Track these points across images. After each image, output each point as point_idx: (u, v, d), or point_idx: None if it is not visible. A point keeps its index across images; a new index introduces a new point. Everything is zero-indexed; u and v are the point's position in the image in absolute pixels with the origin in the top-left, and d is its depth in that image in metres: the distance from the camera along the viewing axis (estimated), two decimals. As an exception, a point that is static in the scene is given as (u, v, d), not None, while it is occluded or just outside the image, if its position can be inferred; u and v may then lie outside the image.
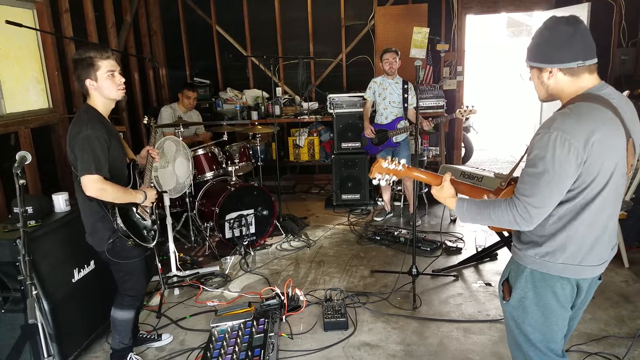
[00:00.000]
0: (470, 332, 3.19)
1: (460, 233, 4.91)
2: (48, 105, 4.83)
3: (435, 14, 6.61)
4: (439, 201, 1.96)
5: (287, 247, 4.84)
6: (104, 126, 2.57)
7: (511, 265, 1.90)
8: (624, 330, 3.11)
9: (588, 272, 1.75)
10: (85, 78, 2.53)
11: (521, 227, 1.68)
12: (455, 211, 1.86)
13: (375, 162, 2.01)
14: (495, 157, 8.66)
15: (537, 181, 1.62)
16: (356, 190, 5.91)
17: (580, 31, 1.64)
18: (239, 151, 5.08)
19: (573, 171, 1.60)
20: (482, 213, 1.76)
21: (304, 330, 3.28)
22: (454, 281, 3.91)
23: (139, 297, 2.93)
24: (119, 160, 2.66)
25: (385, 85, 5.19)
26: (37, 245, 2.72)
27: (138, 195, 2.69)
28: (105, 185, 2.48)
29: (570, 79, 1.69)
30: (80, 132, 2.47)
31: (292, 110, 6.84)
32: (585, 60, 1.65)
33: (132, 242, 2.63)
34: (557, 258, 1.73)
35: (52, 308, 2.77)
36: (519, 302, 1.84)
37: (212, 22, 7.06)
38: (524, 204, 1.64)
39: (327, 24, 6.94)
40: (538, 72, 1.76)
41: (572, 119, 1.61)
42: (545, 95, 1.80)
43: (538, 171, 1.62)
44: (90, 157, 2.44)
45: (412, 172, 2.00)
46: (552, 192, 1.62)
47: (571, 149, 1.57)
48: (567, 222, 1.70)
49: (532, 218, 1.65)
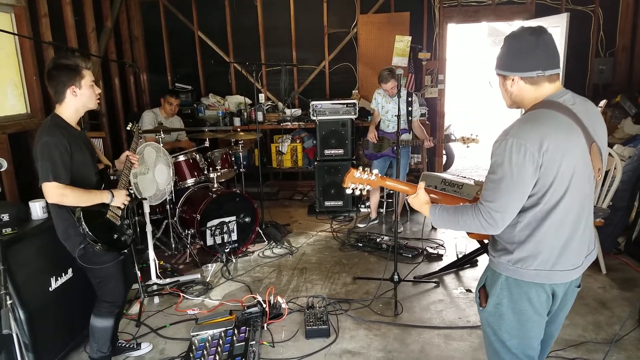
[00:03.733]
0: (451, 338, 3.21)
1: (441, 240, 4.94)
2: (26, 110, 4.75)
3: (417, 22, 6.68)
4: (415, 208, 2.00)
5: (270, 254, 4.81)
6: (67, 132, 2.55)
7: (487, 272, 1.93)
8: (601, 336, 3.16)
9: (560, 277, 1.78)
10: (69, 85, 2.54)
11: (488, 231, 1.74)
12: (429, 216, 1.91)
13: (348, 171, 2.03)
14: (476, 165, 8.76)
15: (498, 187, 1.68)
16: (339, 197, 5.91)
17: (543, 41, 1.69)
18: (220, 157, 5.05)
19: (530, 176, 1.65)
20: (452, 218, 1.82)
21: (286, 338, 3.26)
22: (435, 287, 3.94)
23: (117, 304, 2.88)
24: (84, 166, 2.63)
25: (388, 99, 5.17)
26: (13, 253, 2.66)
27: (104, 196, 2.66)
28: (65, 190, 2.46)
29: (530, 87, 1.75)
30: (40, 140, 2.48)
31: (275, 116, 6.84)
32: (545, 70, 1.71)
33: (100, 247, 2.60)
34: (530, 264, 1.76)
35: (28, 317, 2.71)
36: (495, 308, 1.85)
37: (194, 28, 7.03)
38: (487, 209, 1.70)
39: (310, 31, 6.95)
40: (503, 80, 1.83)
41: (528, 125, 1.67)
42: (509, 102, 1.87)
43: (497, 177, 1.68)
44: (48, 164, 2.43)
45: (386, 181, 2.05)
46: (512, 197, 1.67)
47: (527, 154, 1.62)
48: (534, 228, 1.74)
49: (496, 222, 1.70)
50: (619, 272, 4.09)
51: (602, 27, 6.52)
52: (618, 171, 4.01)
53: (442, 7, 6.61)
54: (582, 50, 6.53)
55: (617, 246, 4.50)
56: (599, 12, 6.47)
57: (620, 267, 4.19)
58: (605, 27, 6.51)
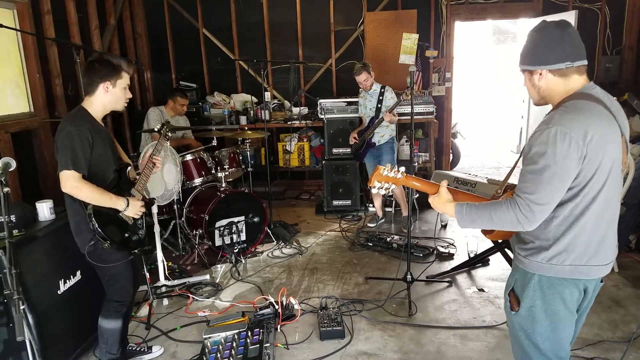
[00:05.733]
0: (467, 338, 3.15)
1: (452, 239, 4.88)
2: (29, 109, 4.67)
3: (424, 20, 6.62)
4: (437, 209, 1.92)
5: (279, 254, 4.74)
6: (91, 125, 2.54)
7: (516, 274, 1.87)
8: (617, 335, 3.11)
9: (595, 272, 1.74)
10: (105, 80, 2.54)
11: (524, 226, 1.66)
12: (455, 216, 1.83)
13: (374, 170, 1.96)
14: (482, 163, 8.68)
15: (539, 177, 1.61)
16: (347, 196, 5.85)
17: (569, 33, 1.67)
18: (228, 157, 4.98)
19: (574, 166, 1.60)
20: (482, 215, 1.73)
21: (300, 340, 3.19)
22: (448, 287, 3.88)
23: (125, 303, 2.81)
24: (103, 160, 2.60)
25: (366, 96, 5.28)
26: (21, 256, 2.59)
27: (118, 202, 2.60)
28: (81, 184, 2.44)
29: (559, 80, 1.71)
30: (63, 129, 2.47)
31: (282, 115, 6.77)
32: (574, 62, 1.68)
33: (109, 244, 2.54)
34: (565, 260, 1.70)
35: (37, 321, 2.64)
36: (528, 312, 1.80)
37: (199, 25, 6.96)
38: (527, 202, 1.62)
39: (316, 28, 6.89)
40: (529, 75, 1.78)
41: (571, 114, 1.62)
42: (537, 98, 1.82)
43: (539, 167, 1.61)
44: (69, 152, 2.42)
45: (411, 180, 1.98)
46: (554, 188, 1.61)
47: (572, 143, 1.57)
48: (572, 222, 1.68)
49: (534, 216, 1.63)
50: (630, 270, 4.05)
51: (609, 25, 6.47)
52: (631, 168, 3.95)
53: (449, 4, 6.54)
54: (589, 49, 6.35)
55: (629, 244, 4.45)
56: (606, 10, 6.42)
57: (632, 265, 4.15)
58: (612, 25, 6.47)
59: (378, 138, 5.23)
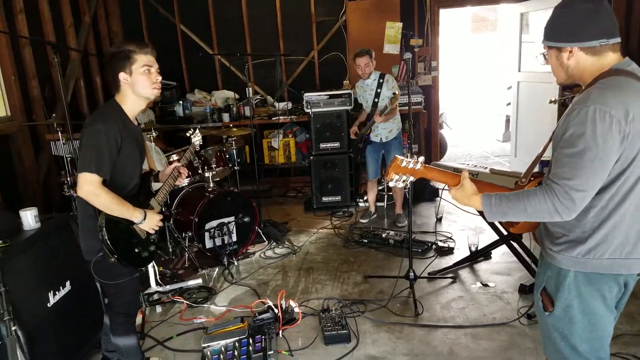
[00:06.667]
0: (479, 337, 3.06)
1: (449, 232, 4.78)
2: (5, 113, 4.46)
3: (407, 8, 6.50)
4: (460, 202, 1.76)
5: (272, 254, 4.61)
6: (122, 123, 2.31)
7: (547, 271, 1.74)
8: (636, 328, 3.03)
9: (637, 266, 1.62)
10: (119, 71, 2.30)
11: (562, 216, 1.53)
12: (483, 209, 1.67)
13: (392, 161, 1.79)
14: (468, 153, 8.66)
15: (579, 161, 1.48)
16: (337, 192, 5.73)
17: (605, 8, 1.55)
18: (215, 155, 4.82)
19: (617, 146, 1.47)
20: (515, 207, 1.59)
21: (304, 346, 3.07)
22: (452, 283, 3.78)
23: (133, 315, 2.64)
24: (128, 166, 2.38)
25: (364, 87, 5.05)
26: (6, 267, 2.42)
27: (135, 214, 2.34)
28: (100, 190, 2.19)
29: (592, 58, 1.59)
30: (91, 124, 2.25)
31: (265, 111, 6.61)
32: (610, 39, 1.56)
33: (116, 259, 2.30)
34: (602, 253, 1.59)
35: (27, 338, 2.47)
36: (564, 312, 1.68)
37: (176, 21, 6.74)
38: (566, 189, 1.49)
39: (296, 20, 6.72)
40: (557, 53, 1.65)
41: (610, 92, 1.49)
42: (564, 77, 1.69)
43: (577, 150, 1.48)
44: (94, 154, 2.19)
45: (430, 172, 1.80)
46: (595, 172, 1.48)
47: (613, 122, 1.45)
48: (610, 211, 1.56)
49: (575, 204, 1.50)
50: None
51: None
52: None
53: (432, -9, 6.45)
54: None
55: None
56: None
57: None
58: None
59: (385, 134, 5.01)
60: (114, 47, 2.39)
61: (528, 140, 6.42)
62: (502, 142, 9.22)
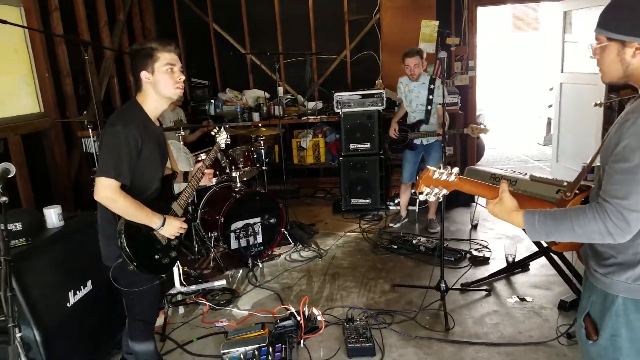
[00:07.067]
0: (514, 357, 2.84)
1: (485, 240, 4.53)
2: (39, 109, 4.52)
3: (444, 6, 6.29)
4: (498, 218, 1.58)
5: (297, 257, 4.52)
6: (143, 126, 2.22)
7: (592, 295, 1.56)
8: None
9: None
10: (141, 69, 2.23)
11: (615, 238, 1.36)
12: (525, 227, 1.50)
13: (422, 172, 1.62)
14: (507, 156, 8.35)
15: (633, 177, 1.31)
16: (366, 195, 5.59)
17: None
18: (242, 155, 4.76)
19: None
20: (561, 226, 1.41)
21: (325, 357, 2.94)
22: (486, 296, 3.56)
23: (152, 322, 2.56)
24: (149, 169, 2.30)
25: (410, 88, 4.85)
26: (27, 266, 2.42)
27: (154, 220, 2.24)
28: (117, 196, 2.11)
29: None
30: (112, 125, 2.16)
31: (295, 110, 6.53)
32: None
33: (135, 267, 2.21)
34: None
35: (44, 339, 2.43)
36: (609, 342, 1.50)
37: (209, 20, 6.74)
38: (619, 208, 1.32)
39: (329, 18, 6.62)
40: (619, 47, 1.41)
41: None
42: (619, 75, 1.46)
43: (632, 165, 1.31)
44: (113, 158, 2.12)
45: (465, 184, 1.62)
46: None
47: None
48: None
49: (629, 226, 1.33)
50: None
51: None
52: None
53: (470, -12, 6.22)
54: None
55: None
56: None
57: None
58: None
59: (427, 137, 4.83)
60: (137, 45, 2.32)
61: (571, 145, 6.11)
62: (542, 145, 8.87)
